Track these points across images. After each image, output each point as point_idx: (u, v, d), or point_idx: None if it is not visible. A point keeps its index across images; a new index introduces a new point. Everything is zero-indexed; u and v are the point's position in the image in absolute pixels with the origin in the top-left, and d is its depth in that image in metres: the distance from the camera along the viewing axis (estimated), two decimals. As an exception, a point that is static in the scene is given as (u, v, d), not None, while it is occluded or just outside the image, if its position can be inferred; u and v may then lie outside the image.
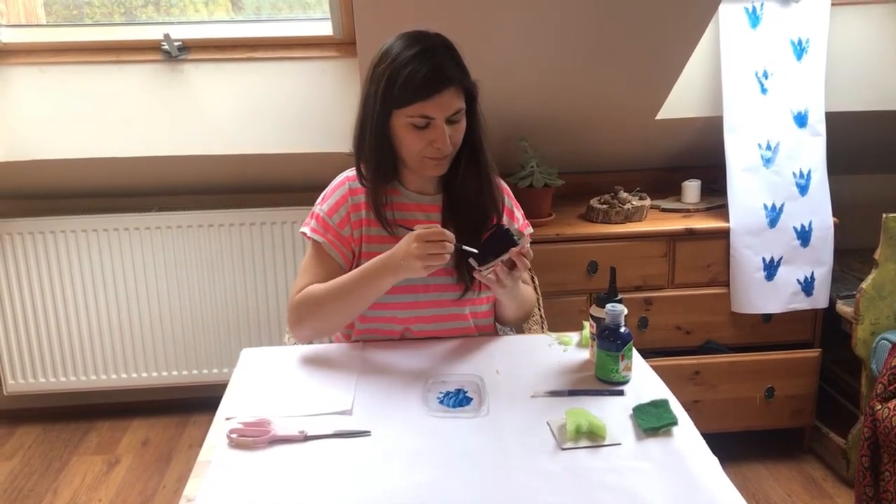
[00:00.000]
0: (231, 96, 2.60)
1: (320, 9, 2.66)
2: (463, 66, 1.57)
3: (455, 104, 1.55)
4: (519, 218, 1.80)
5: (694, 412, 1.37)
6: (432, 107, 1.52)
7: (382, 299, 1.60)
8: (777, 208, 2.55)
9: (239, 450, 1.26)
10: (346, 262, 1.67)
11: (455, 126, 1.57)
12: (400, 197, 1.69)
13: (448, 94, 1.53)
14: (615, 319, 1.45)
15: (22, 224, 2.79)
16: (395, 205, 1.68)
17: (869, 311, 2.39)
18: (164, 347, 2.93)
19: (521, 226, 1.79)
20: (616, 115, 2.63)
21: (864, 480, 2.10)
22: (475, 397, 1.42)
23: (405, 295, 1.65)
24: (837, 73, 2.62)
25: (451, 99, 1.54)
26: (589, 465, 1.21)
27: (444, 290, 1.68)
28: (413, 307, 1.68)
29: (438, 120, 1.54)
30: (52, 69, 2.54)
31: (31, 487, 2.63)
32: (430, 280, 1.63)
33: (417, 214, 1.68)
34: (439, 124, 1.54)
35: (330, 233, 1.67)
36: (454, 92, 1.54)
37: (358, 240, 1.67)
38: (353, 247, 1.67)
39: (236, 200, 2.90)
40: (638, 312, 2.56)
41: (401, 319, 1.68)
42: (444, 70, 1.52)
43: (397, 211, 1.67)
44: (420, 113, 1.53)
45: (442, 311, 1.69)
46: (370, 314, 1.66)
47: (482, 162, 1.65)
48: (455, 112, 1.55)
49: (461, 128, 1.59)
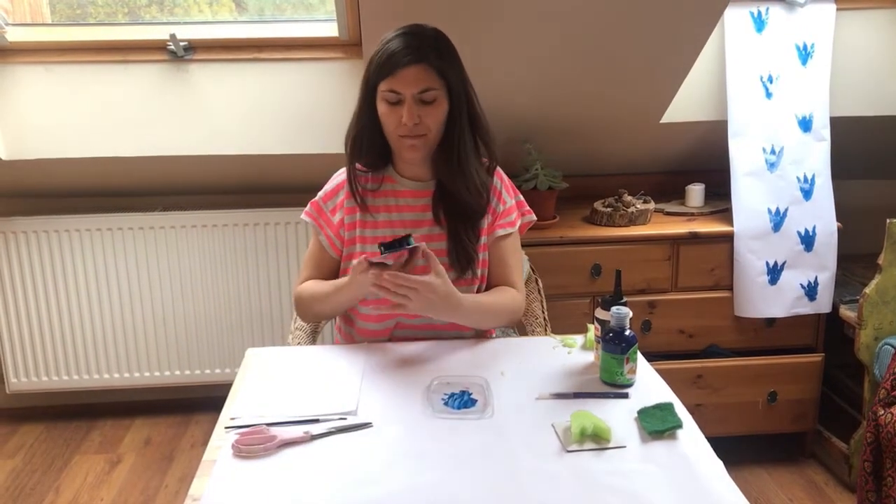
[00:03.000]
0: (236, 97, 2.60)
1: (323, 9, 2.66)
2: (441, 52, 1.62)
3: (422, 81, 1.59)
4: (507, 202, 1.78)
5: (696, 416, 1.36)
6: (398, 81, 1.58)
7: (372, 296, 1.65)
8: (781, 213, 2.55)
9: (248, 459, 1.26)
10: (332, 247, 1.77)
11: (427, 107, 1.61)
12: (395, 184, 1.76)
13: (415, 69, 1.58)
14: (620, 322, 1.45)
15: (26, 223, 2.80)
16: (389, 192, 1.75)
17: (872, 316, 2.39)
18: (167, 347, 2.93)
19: (517, 216, 1.80)
20: (621, 118, 2.63)
21: (867, 485, 2.10)
22: (480, 399, 1.42)
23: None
24: (842, 78, 2.62)
25: (418, 74, 1.58)
26: (593, 467, 1.21)
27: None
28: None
29: (405, 95, 1.59)
30: (57, 68, 2.54)
31: (34, 486, 2.63)
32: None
33: (410, 200, 1.74)
34: (406, 99, 1.59)
35: (322, 217, 1.78)
36: (422, 69, 1.59)
37: (350, 225, 1.74)
38: (343, 232, 1.75)
39: (240, 201, 2.91)
40: (641, 316, 2.56)
41: (389, 315, 1.71)
42: (414, 47, 1.59)
43: (391, 197, 1.75)
44: (389, 87, 1.59)
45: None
46: (363, 309, 1.73)
47: (456, 155, 1.67)
48: (423, 90, 1.59)
49: (435, 111, 1.62)
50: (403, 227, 1.73)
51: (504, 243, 1.78)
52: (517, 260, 1.82)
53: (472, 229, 1.73)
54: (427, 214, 1.73)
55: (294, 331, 1.94)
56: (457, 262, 1.70)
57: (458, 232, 1.71)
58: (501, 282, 1.78)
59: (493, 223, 1.77)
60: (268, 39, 2.59)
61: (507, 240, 1.78)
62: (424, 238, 1.70)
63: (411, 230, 1.69)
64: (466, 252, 1.70)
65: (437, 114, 1.63)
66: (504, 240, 1.78)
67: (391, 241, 1.54)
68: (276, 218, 2.85)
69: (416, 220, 1.74)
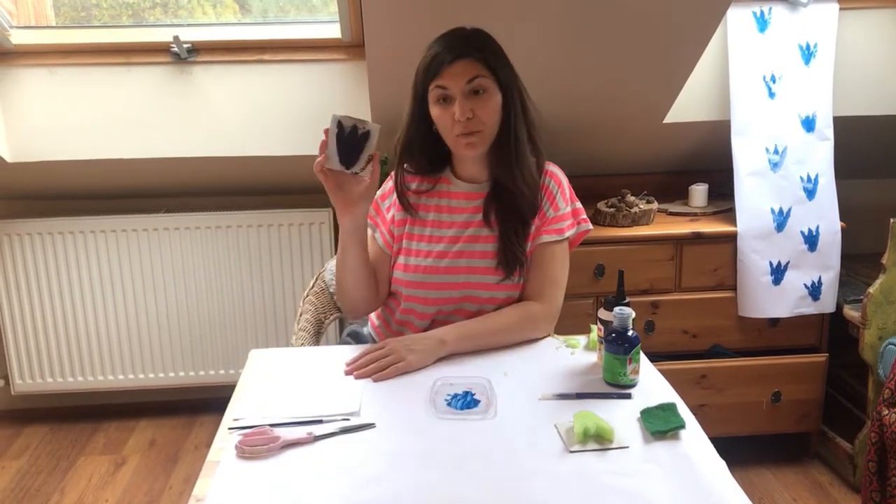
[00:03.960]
0: (240, 98, 2.60)
1: (326, 11, 2.67)
2: (484, 46, 1.62)
3: (468, 72, 1.59)
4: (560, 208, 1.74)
5: (700, 416, 1.36)
6: (445, 78, 1.59)
7: (416, 278, 1.70)
8: (784, 212, 2.55)
9: (251, 460, 1.26)
10: (386, 244, 1.77)
11: (479, 99, 1.60)
12: (451, 186, 1.76)
13: (460, 63, 1.58)
14: (623, 323, 1.45)
15: (30, 225, 2.80)
16: (443, 192, 1.75)
17: (876, 315, 2.38)
18: (172, 348, 2.94)
19: (569, 225, 1.74)
20: (624, 118, 2.63)
21: (871, 486, 2.10)
22: (483, 399, 1.42)
23: (442, 276, 1.70)
24: (845, 77, 2.62)
25: (465, 68, 1.59)
26: (596, 467, 1.21)
27: (485, 273, 1.70)
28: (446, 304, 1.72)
29: (454, 90, 1.59)
30: (61, 71, 2.55)
31: (39, 487, 2.64)
32: (470, 277, 1.70)
33: (462, 202, 1.73)
34: (456, 95, 1.59)
35: (379, 216, 1.80)
36: (467, 62, 1.59)
37: (400, 222, 1.75)
38: (393, 228, 1.76)
39: (244, 202, 2.91)
40: (644, 316, 2.56)
41: (433, 300, 1.72)
42: (456, 44, 1.60)
43: (444, 198, 1.75)
44: (437, 84, 1.60)
45: (475, 292, 1.71)
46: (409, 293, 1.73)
47: (512, 148, 1.66)
48: (471, 79, 1.59)
49: (488, 103, 1.61)
50: (453, 229, 1.72)
51: (547, 250, 1.72)
52: (558, 271, 1.73)
53: (523, 231, 1.70)
54: (477, 216, 1.71)
55: (298, 332, 1.95)
56: (504, 264, 1.68)
57: (509, 233, 1.69)
58: (531, 292, 1.72)
59: (541, 228, 1.72)
60: (271, 41, 2.60)
61: (551, 247, 1.72)
62: (471, 239, 1.70)
63: (460, 231, 1.71)
64: (514, 254, 1.68)
65: (489, 105, 1.61)
66: (548, 247, 1.71)
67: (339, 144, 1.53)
68: (280, 219, 2.85)
69: (466, 221, 1.72)
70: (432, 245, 1.72)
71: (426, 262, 1.71)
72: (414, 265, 1.72)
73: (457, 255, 1.70)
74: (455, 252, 1.71)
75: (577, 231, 1.77)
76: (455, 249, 1.71)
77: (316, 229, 2.86)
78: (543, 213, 1.72)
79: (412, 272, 1.72)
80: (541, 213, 1.72)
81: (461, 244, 1.71)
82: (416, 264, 1.72)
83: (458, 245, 1.71)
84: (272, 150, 2.65)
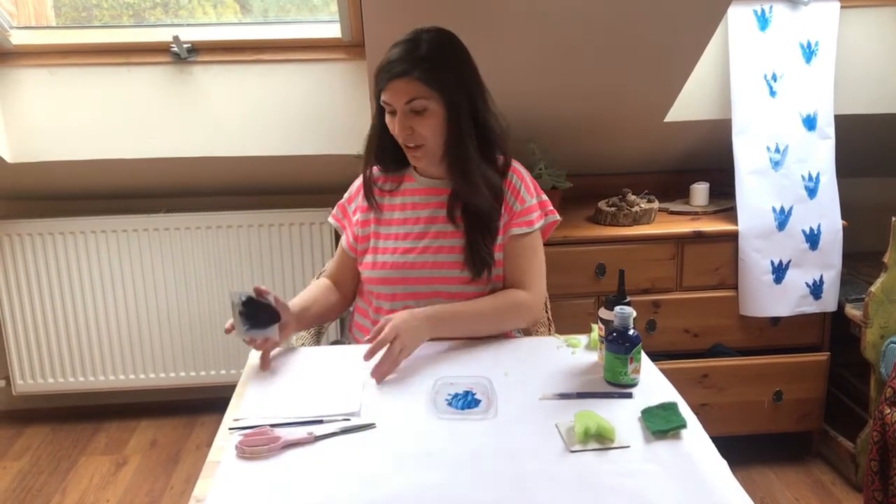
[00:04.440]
0: (239, 98, 2.60)
1: (327, 10, 2.66)
2: (433, 61, 1.61)
3: (408, 92, 1.61)
4: (526, 201, 1.76)
5: (701, 415, 1.36)
6: (388, 93, 1.62)
7: (383, 274, 1.74)
8: (786, 211, 2.54)
9: (252, 460, 1.26)
10: (349, 246, 1.83)
11: (419, 117, 1.63)
12: (413, 183, 1.78)
13: (400, 82, 1.60)
14: (624, 322, 1.44)
15: (31, 225, 2.80)
16: (407, 191, 1.78)
17: (878, 314, 2.38)
18: (173, 348, 2.94)
19: (538, 216, 1.77)
20: (625, 117, 2.63)
21: (873, 485, 2.09)
22: (483, 399, 1.42)
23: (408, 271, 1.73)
24: (846, 75, 2.62)
25: (405, 87, 1.60)
26: (597, 467, 1.21)
27: (451, 268, 1.72)
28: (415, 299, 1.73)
29: (395, 107, 1.63)
30: (61, 71, 2.55)
31: (40, 487, 2.64)
32: (437, 272, 1.72)
33: (426, 197, 1.76)
34: (396, 112, 1.63)
35: (346, 219, 1.86)
36: (407, 81, 1.60)
37: (364, 222, 1.79)
38: (357, 230, 1.80)
39: (244, 202, 2.91)
40: (646, 315, 2.56)
41: (401, 295, 1.74)
42: (403, 59, 1.60)
43: (408, 196, 1.78)
44: (383, 99, 1.64)
45: (444, 287, 1.73)
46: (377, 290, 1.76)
47: (457, 162, 1.68)
48: (409, 100, 1.61)
49: (426, 121, 1.64)
50: (418, 224, 1.75)
51: (519, 243, 1.75)
52: (535, 262, 1.78)
53: (488, 231, 1.72)
54: (441, 211, 1.74)
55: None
56: (471, 264, 1.70)
57: (474, 232, 1.71)
58: (513, 283, 1.76)
59: (510, 222, 1.75)
60: (270, 41, 2.60)
61: (522, 240, 1.75)
62: (438, 235, 1.73)
63: (425, 227, 1.73)
64: (480, 254, 1.70)
65: (429, 124, 1.64)
66: (519, 239, 1.75)
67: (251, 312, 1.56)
68: (281, 219, 2.85)
69: (430, 216, 1.75)
70: (398, 242, 1.75)
71: (393, 259, 1.74)
72: (381, 262, 1.75)
73: (423, 251, 1.73)
74: (421, 248, 1.73)
75: (545, 222, 1.80)
76: (421, 245, 1.73)
77: (316, 229, 2.86)
78: (510, 208, 1.75)
79: (379, 269, 1.75)
80: (507, 208, 1.75)
81: (427, 240, 1.73)
82: (384, 261, 1.75)
83: (425, 241, 1.73)
84: (272, 149, 2.65)
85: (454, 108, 1.64)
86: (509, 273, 1.76)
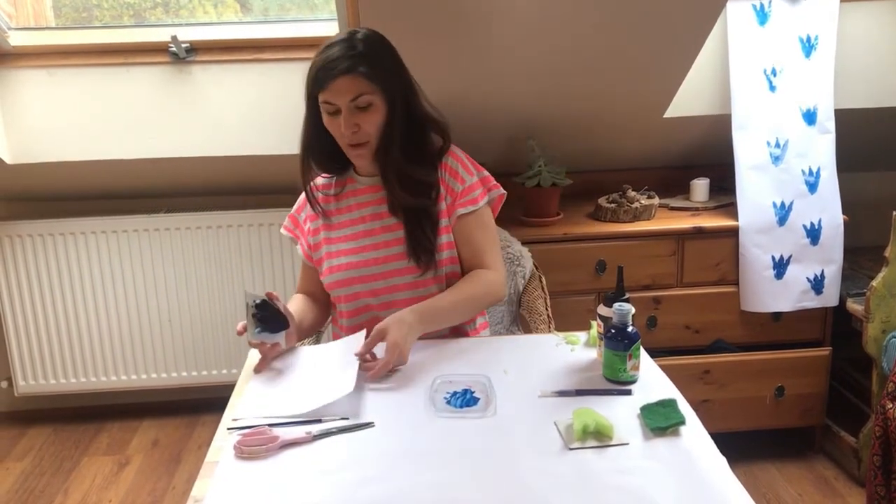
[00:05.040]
0: (238, 98, 2.60)
1: (327, 9, 2.66)
2: (372, 58, 1.62)
3: (353, 89, 1.60)
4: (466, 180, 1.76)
5: (703, 412, 1.36)
6: (331, 93, 1.61)
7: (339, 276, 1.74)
8: (786, 206, 2.54)
9: (250, 460, 1.26)
10: (307, 257, 1.83)
11: (364, 113, 1.63)
12: (355, 184, 1.79)
13: (345, 79, 1.59)
14: (622, 319, 1.44)
15: (31, 226, 2.81)
16: (350, 192, 1.79)
17: (879, 309, 2.37)
18: (174, 349, 2.94)
19: (481, 193, 1.77)
20: (624, 113, 2.62)
21: (876, 479, 2.09)
22: (482, 397, 1.42)
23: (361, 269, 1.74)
24: (846, 70, 2.61)
25: (349, 84, 1.60)
26: (596, 465, 1.21)
27: (400, 260, 1.73)
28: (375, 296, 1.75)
29: (340, 105, 1.61)
30: (60, 72, 2.55)
31: (43, 488, 2.64)
32: (390, 266, 1.73)
33: (368, 196, 1.77)
34: (342, 109, 1.61)
35: (298, 229, 1.86)
36: (352, 78, 1.59)
37: (314, 231, 1.80)
38: (309, 239, 1.81)
39: (245, 201, 2.91)
40: (646, 311, 2.55)
41: (357, 294, 1.76)
42: (343, 57, 1.59)
43: (352, 197, 1.78)
44: (325, 99, 1.62)
45: (401, 295, 1.74)
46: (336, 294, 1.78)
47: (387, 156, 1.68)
48: (355, 97, 1.60)
49: (372, 116, 1.64)
50: (364, 223, 1.76)
51: (467, 221, 1.75)
52: (488, 238, 1.78)
53: (427, 218, 1.72)
54: (383, 207, 1.74)
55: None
56: (414, 254, 1.71)
57: (412, 223, 1.71)
58: (473, 264, 1.76)
59: (454, 203, 1.74)
60: (268, 40, 2.60)
61: (470, 217, 1.75)
62: (383, 230, 1.74)
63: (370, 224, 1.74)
64: (423, 245, 1.70)
65: (374, 119, 1.64)
66: (467, 218, 1.75)
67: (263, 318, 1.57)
68: (281, 218, 2.79)
69: (374, 213, 1.76)
70: (350, 243, 1.75)
71: (348, 260, 1.74)
72: (337, 265, 1.75)
73: (374, 248, 1.74)
74: (371, 245, 1.74)
75: (489, 198, 1.80)
76: (371, 242, 1.74)
77: (317, 228, 2.85)
78: (451, 189, 1.75)
79: (335, 272, 1.75)
80: (449, 189, 1.75)
81: (375, 237, 1.74)
82: (339, 264, 1.75)
83: (373, 238, 1.74)
84: (272, 148, 2.65)
85: (393, 105, 1.65)
86: (467, 254, 1.77)
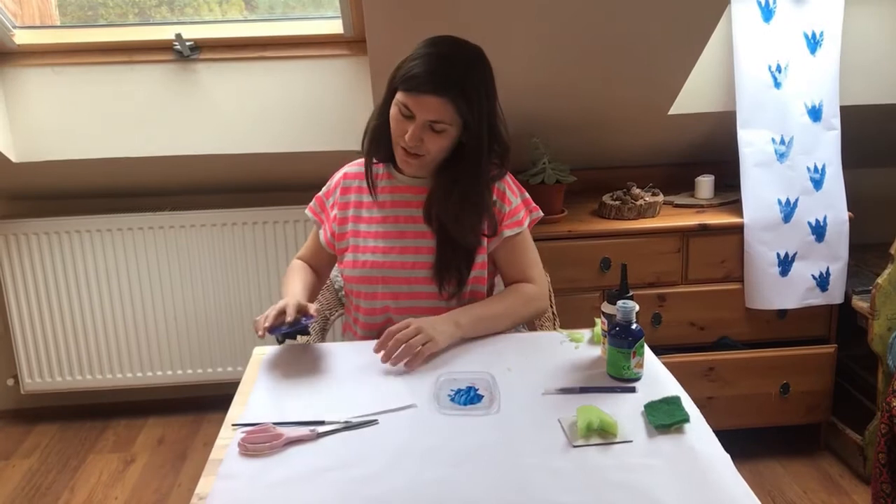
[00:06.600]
0: (242, 95, 2.60)
1: (332, 7, 2.66)
2: (467, 88, 1.60)
3: (435, 112, 1.59)
4: (512, 202, 1.77)
5: (708, 409, 1.36)
6: (413, 102, 1.59)
7: (364, 273, 1.74)
8: (791, 203, 2.53)
9: (254, 457, 1.26)
10: (328, 244, 1.83)
11: (436, 135, 1.62)
12: (394, 180, 1.78)
13: (433, 100, 1.58)
14: (626, 316, 1.44)
15: (36, 224, 2.81)
16: (388, 188, 1.77)
17: (885, 306, 2.36)
18: (179, 346, 2.95)
19: (524, 214, 1.79)
20: (628, 110, 2.62)
21: (881, 477, 2.08)
22: (486, 395, 1.42)
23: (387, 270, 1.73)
24: (852, 66, 2.60)
25: (435, 106, 1.59)
26: (600, 462, 1.21)
27: (426, 296, 1.73)
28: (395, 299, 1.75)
29: (417, 117, 1.60)
30: (65, 70, 2.56)
31: (49, 485, 2.65)
32: (416, 273, 1.72)
33: (406, 196, 1.76)
34: (417, 120, 1.60)
35: (324, 213, 1.84)
36: (441, 102, 1.58)
37: (342, 220, 1.79)
38: (335, 227, 1.80)
39: (249, 199, 2.91)
40: (651, 309, 2.55)
41: (380, 309, 1.76)
42: (438, 78, 1.58)
43: (387, 193, 1.77)
44: (405, 102, 1.60)
45: (422, 303, 1.73)
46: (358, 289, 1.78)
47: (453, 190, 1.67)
48: (435, 120, 1.60)
49: (440, 139, 1.63)
50: (397, 224, 1.74)
51: (514, 242, 1.78)
52: (531, 256, 1.82)
53: (462, 250, 1.71)
54: (419, 212, 1.73)
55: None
56: (439, 277, 1.70)
57: (446, 243, 1.70)
58: (517, 279, 1.79)
59: (501, 225, 1.75)
60: (272, 38, 2.60)
61: (516, 239, 1.78)
62: (415, 235, 1.73)
63: (403, 226, 1.73)
64: (450, 271, 1.70)
65: (442, 143, 1.64)
66: (513, 239, 1.77)
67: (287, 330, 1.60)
68: (286, 216, 2.85)
69: (408, 216, 1.74)
70: (378, 241, 1.74)
71: (374, 258, 1.73)
72: (362, 261, 1.74)
73: (402, 251, 1.73)
74: (400, 248, 1.73)
75: (530, 219, 1.83)
76: (400, 245, 1.73)
77: (321, 226, 2.86)
78: (499, 211, 1.75)
79: (360, 268, 1.74)
80: (497, 211, 1.75)
81: (406, 240, 1.73)
82: (364, 260, 1.74)
83: (404, 241, 1.73)
84: (276, 146, 2.66)
85: (472, 134, 1.64)
86: (511, 271, 1.81)
